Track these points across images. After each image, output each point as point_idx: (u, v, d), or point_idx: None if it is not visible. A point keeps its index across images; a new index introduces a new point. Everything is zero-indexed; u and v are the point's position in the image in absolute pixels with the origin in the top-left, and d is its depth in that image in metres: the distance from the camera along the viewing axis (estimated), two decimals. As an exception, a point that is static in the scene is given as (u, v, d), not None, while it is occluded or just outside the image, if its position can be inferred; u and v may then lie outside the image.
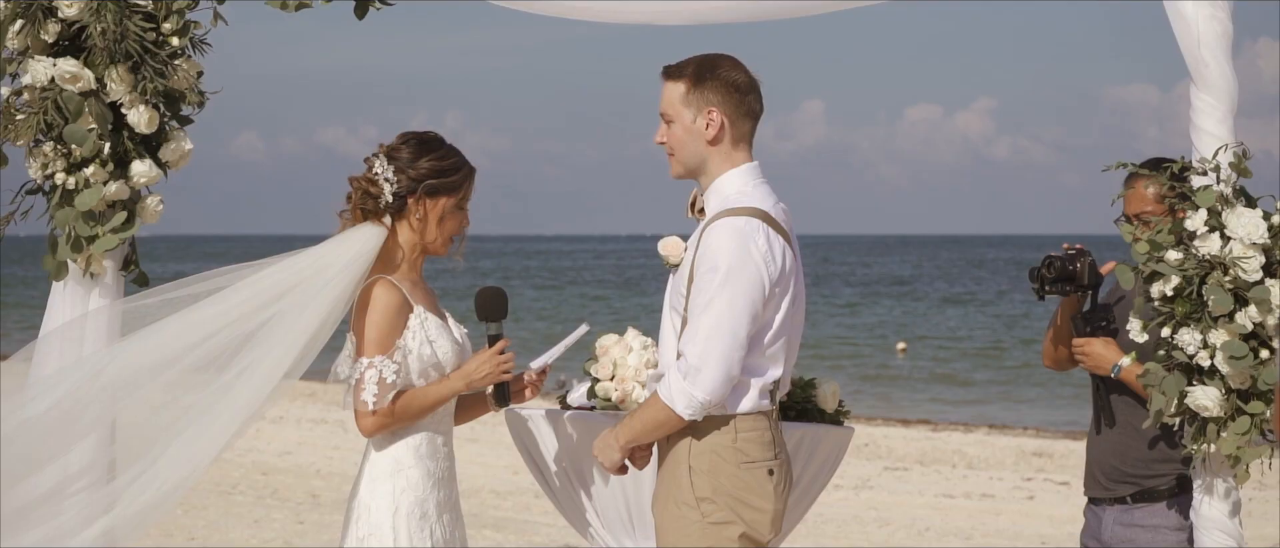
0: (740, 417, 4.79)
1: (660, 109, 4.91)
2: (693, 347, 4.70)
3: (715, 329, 4.68)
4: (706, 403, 4.71)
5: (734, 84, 4.85)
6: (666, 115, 4.90)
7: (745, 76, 4.88)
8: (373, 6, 5.24)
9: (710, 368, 4.68)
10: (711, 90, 4.84)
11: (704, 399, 4.70)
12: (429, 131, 5.17)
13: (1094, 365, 5.60)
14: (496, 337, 5.12)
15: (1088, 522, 5.75)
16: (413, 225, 5.10)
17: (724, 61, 4.88)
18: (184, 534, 11.73)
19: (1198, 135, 5.01)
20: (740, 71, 4.87)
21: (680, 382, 4.71)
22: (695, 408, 4.72)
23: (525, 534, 12.05)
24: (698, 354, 4.69)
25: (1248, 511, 5.27)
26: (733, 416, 4.78)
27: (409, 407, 5.03)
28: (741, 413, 4.79)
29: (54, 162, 5.04)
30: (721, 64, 4.87)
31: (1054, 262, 5.61)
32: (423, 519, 5.04)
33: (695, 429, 4.78)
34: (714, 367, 4.68)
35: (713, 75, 4.85)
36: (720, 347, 4.68)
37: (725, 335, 4.68)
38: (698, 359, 4.69)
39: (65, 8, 5.02)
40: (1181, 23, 4.98)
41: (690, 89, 4.85)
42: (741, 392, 4.79)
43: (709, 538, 4.77)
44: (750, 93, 4.88)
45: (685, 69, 4.87)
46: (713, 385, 4.69)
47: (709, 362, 4.68)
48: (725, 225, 4.74)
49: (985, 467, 16.49)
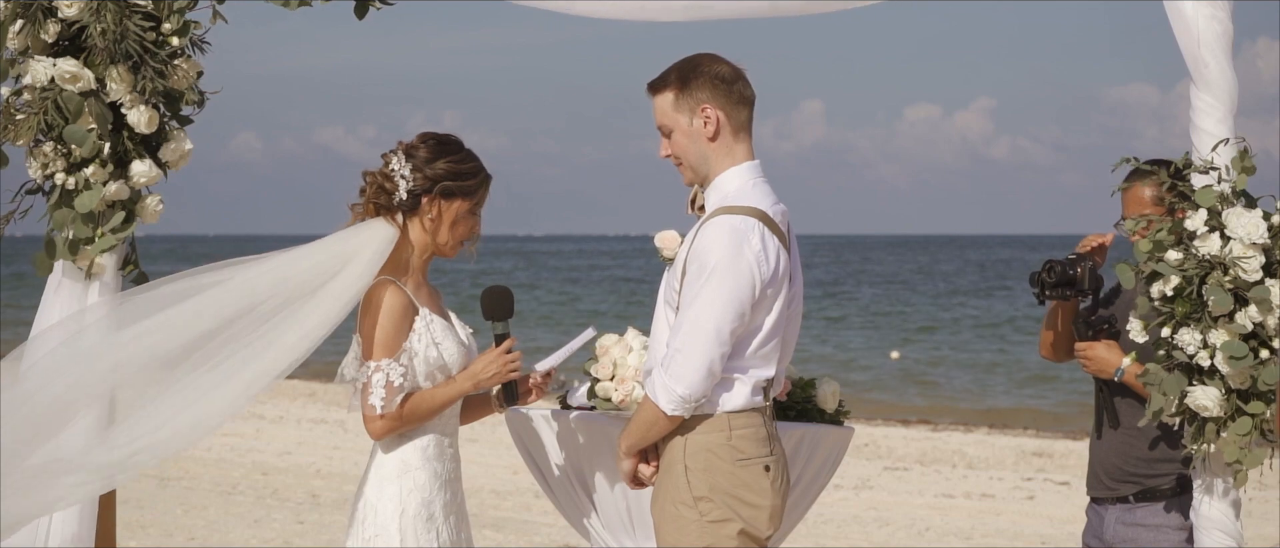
0: (733, 414, 4.79)
1: (657, 124, 4.92)
2: (675, 341, 4.71)
3: (697, 325, 4.68)
4: (687, 398, 4.71)
5: (719, 76, 4.86)
6: (664, 127, 4.91)
7: (728, 67, 4.89)
8: (373, 6, 5.23)
9: (690, 363, 4.69)
10: (699, 88, 4.85)
11: (684, 394, 4.70)
12: (449, 134, 5.17)
13: (1097, 370, 5.60)
14: (503, 336, 5.12)
15: (1090, 521, 5.75)
16: (425, 226, 5.10)
17: (703, 58, 4.90)
18: (184, 534, 11.73)
19: (1198, 135, 5.01)
20: (722, 64, 4.89)
21: (662, 376, 4.73)
22: (676, 403, 4.72)
23: (525, 534, 12.06)
24: (678, 349, 4.70)
25: (1248, 511, 5.27)
26: (725, 413, 4.78)
27: (417, 409, 5.03)
28: (734, 410, 4.79)
29: (54, 162, 5.04)
30: (702, 61, 4.89)
31: (1054, 266, 5.60)
32: (429, 521, 5.04)
33: (690, 428, 4.78)
34: (693, 362, 4.68)
35: (696, 74, 4.86)
36: (701, 343, 4.68)
37: (707, 332, 4.68)
38: (678, 354, 4.70)
39: (65, 8, 5.02)
40: (1181, 22, 4.98)
41: (679, 94, 4.86)
42: (732, 389, 4.78)
43: (708, 537, 4.77)
44: (737, 81, 4.89)
45: (668, 78, 4.89)
46: (692, 380, 4.69)
47: (689, 357, 4.69)
48: (720, 223, 4.75)
49: (985, 467, 16.49)
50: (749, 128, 4.91)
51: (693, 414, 4.75)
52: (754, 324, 4.76)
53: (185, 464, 14.94)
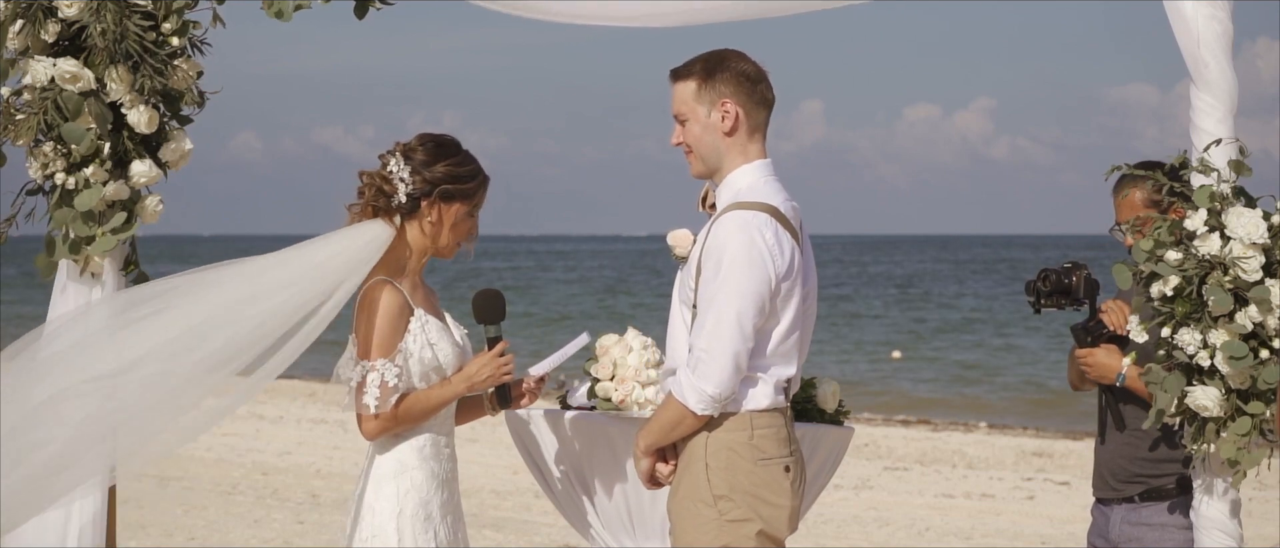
0: (755, 413, 4.79)
1: (673, 111, 4.92)
2: (700, 341, 4.71)
3: (721, 323, 4.69)
4: (716, 397, 4.71)
5: (744, 74, 4.87)
6: (680, 115, 4.91)
7: (754, 67, 4.90)
8: (373, 6, 5.23)
9: (717, 361, 4.69)
10: (723, 83, 4.85)
11: (714, 393, 4.70)
12: (446, 135, 5.17)
13: (1099, 376, 5.59)
14: (496, 339, 5.12)
15: (1095, 521, 5.76)
16: (424, 229, 5.09)
17: (731, 54, 4.91)
18: (184, 534, 11.73)
19: (1197, 135, 5.00)
20: (748, 62, 4.90)
21: (689, 377, 4.72)
22: (706, 402, 4.72)
23: (525, 534, 12.06)
24: (704, 348, 4.70)
25: (1248, 511, 5.26)
26: (748, 412, 4.78)
27: (411, 410, 5.04)
28: (756, 410, 4.79)
29: (54, 162, 5.04)
30: (729, 57, 4.90)
31: (1049, 275, 5.60)
32: (427, 521, 5.04)
33: (712, 426, 4.78)
34: (721, 359, 4.69)
35: (722, 68, 4.86)
36: (726, 340, 4.68)
37: (731, 329, 4.68)
38: (705, 353, 4.70)
39: (65, 8, 5.02)
40: (1181, 22, 4.97)
41: (702, 85, 4.86)
42: (755, 388, 4.79)
43: (726, 535, 4.77)
44: (761, 81, 4.90)
45: (693, 67, 4.89)
46: (721, 379, 4.69)
47: (716, 355, 4.69)
48: (733, 219, 4.75)
49: (985, 467, 16.49)
50: (764, 129, 4.92)
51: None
52: (774, 320, 4.77)
53: (185, 464, 14.94)
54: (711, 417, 4.76)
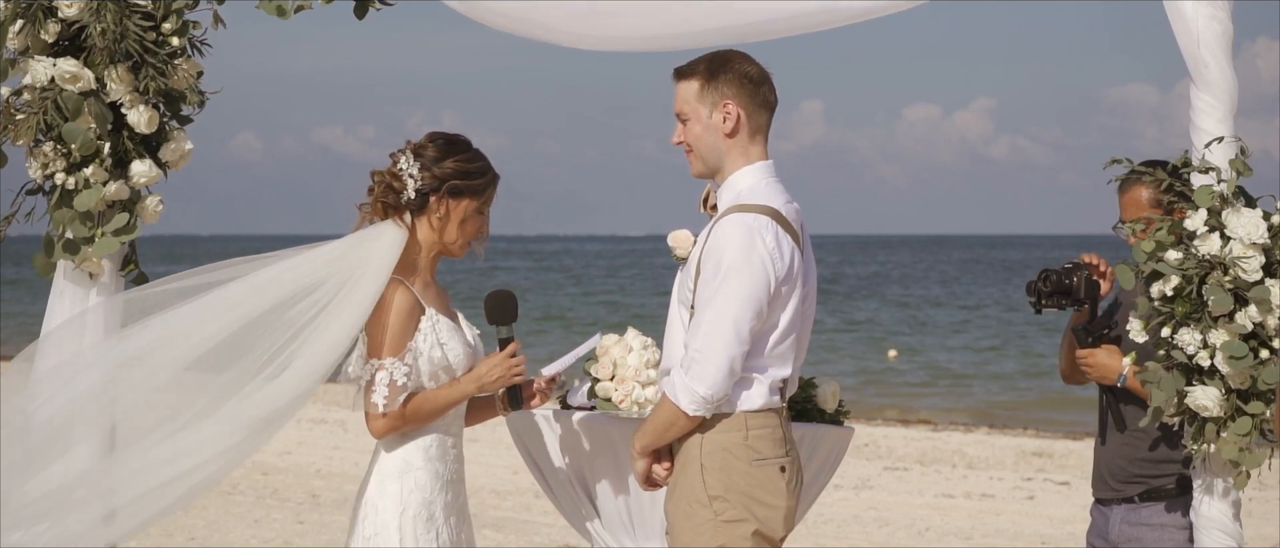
0: (751, 414, 4.80)
1: (675, 109, 4.92)
2: (695, 341, 4.72)
3: (716, 325, 4.69)
4: (709, 398, 4.71)
5: (747, 76, 4.88)
6: (682, 114, 4.91)
7: (757, 68, 4.90)
8: (373, 6, 5.23)
9: (711, 363, 4.69)
10: (726, 84, 4.86)
11: (706, 394, 4.71)
12: (457, 134, 5.18)
13: (1100, 376, 5.59)
14: (507, 340, 5.13)
15: (1094, 521, 5.76)
16: (433, 225, 5.10)
17: (735, 55, 4.92)
18: (184, 534, 11.73)
19: (1197, 135, 5.00)
20: (752, 64, 4.90)
21: (682, 377, 4.73)
22: (698, 403, 4.72)
23: (525, 534, 12.06)
24: (699, 349, 4.70)
25: (1248, 511, 5.26)
26: (743, 413, 4.79)
27: (420, 409, 5.04)
28: (752, 410, 4.80)
29: (54, 162, 5.04)
30: (732, 58, 4.90)
31: (1050, 275, 5.60)
32: (429, 521, 5.04)
33: (707, 427, 4.78)
34: (715, 362, 4.69)
35: (726, 69, 4.87)
36: (721, 342, 4.68)
37: (727, 331, 4.68)
38: (699, 354, 4.70)
39: (65, 8, 5.02)
40: (1181, 22, 4.97)
41: (704, 85, 4.87)
42: (750, 389, 4.79)
43: (722, 536, 4.77)
44: (764, 84, 4.90)
45: (697, 67, 4.90)
46: (714, 380, 4.70)
47: (710, 356, 4.69)
48: (734, 221, 4.75)
49: (985, 467, 16.49)
50: (766, 132, 4.93)
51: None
52: (770, 322, 4.77)
53: (185, 464, 14.91)
54: (704, 418, 4.76)
